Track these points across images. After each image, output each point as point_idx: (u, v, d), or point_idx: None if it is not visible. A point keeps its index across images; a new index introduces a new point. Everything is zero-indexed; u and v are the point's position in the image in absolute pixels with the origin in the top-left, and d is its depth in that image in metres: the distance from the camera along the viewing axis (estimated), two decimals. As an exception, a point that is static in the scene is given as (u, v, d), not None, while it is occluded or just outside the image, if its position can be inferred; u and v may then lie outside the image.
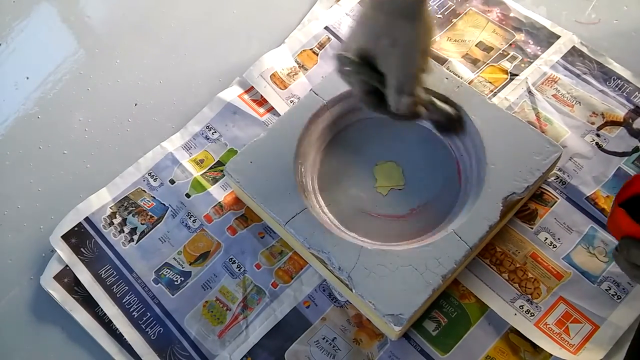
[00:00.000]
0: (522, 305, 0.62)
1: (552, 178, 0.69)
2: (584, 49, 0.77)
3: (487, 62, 0.77)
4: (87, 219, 0.70)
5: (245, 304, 0.65)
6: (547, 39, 0.78)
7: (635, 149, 0.70)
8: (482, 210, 0.61)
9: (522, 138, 0.64)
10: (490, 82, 0.75)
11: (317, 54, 0.80)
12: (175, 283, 0.67)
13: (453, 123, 0.65)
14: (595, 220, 0.66)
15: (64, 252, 0.68)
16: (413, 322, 0.62)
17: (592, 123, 0.72)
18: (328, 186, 0.67)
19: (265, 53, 0.79)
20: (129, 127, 0.78)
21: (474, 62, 0.77)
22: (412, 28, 0.54)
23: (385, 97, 0.59)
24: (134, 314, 0.65)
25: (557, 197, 0.68)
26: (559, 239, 0.66)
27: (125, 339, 0.64)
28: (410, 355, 0.62)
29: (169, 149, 0.74)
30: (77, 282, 0.67)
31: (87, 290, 0.66)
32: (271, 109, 0.76)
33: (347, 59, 0.58)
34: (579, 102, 0.73)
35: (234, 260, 0.67)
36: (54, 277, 0.67)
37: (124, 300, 0.66)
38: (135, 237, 0.69)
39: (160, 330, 0.65)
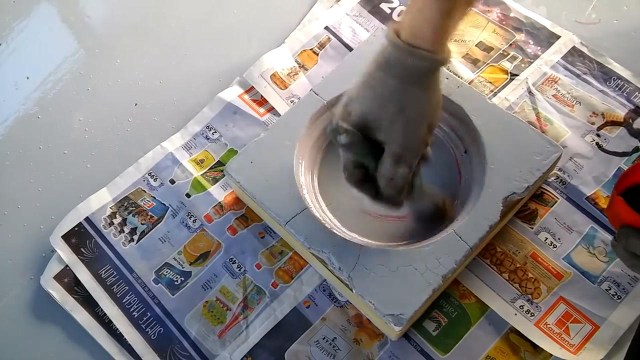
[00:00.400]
0: (522, 305, 0.62)
1: (552, 178, 0.69)
2: (584, 49, 0.77)
3: (488, 62, 0.77)
4: (87, 219, 0.70)
5: (246, 304, 0.65)
6: (547, 39, 0.78)
7: (636, 149, 0.69)
8: (482, 210, 0.61)
9: (522, 138, 0.64)
10: (490, 82, 0.75)
11: (317, 54, 0.80)
12: (176, 283, 0.67)
13: (438, 213, 0.61)
14: (596, 220, 0.66)
15: (64, 252, 0.68)
16: (413, 322, 0.62)
17: (592, 123, 0.72)
18: (328, 186, 0.67)
19: (265, 53, 0.79)
20: (129, 127, 0.78)
21: (474, 62, 0.77)
22: (423, 96, 0.52)
23: (373, 174, 0.55)
24: (134, 314, 0.65)
25: (557, 197, 0.68)
26: (559, 239, 0.66)
27: (125, 339, 0.64)
28: (411, 355, 0.62)
29: (169, 149, 0.74)
30: (77, 282, 0.67)
31: (87, 290, 0.66)
32: (271, 109, 0.76)
33: (343, 129, 0.54)
34: (579, 102, 0.73)
35: (234, 260, 0.67)
36: (54, 277, 0.67)
37: (124, 300, 0.66)
38: (136, 237, 0.69)
39: (161, 330, 0.65)
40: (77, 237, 0.69)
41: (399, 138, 0.52)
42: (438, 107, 0.55)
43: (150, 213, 0.71)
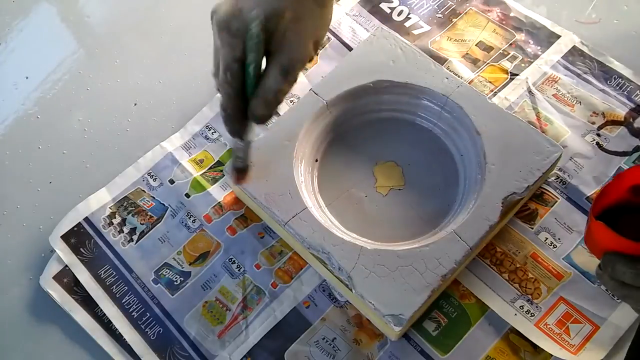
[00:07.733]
0: (522, 306, 0.62)
1: (553, 178, 0.69)
2: (585, 49, 0.76)
3: (487, 61, 0.77)
4: (86, 219, 0.70)
5: (245, 304, 0.65)
6: (547, 38, 0.78)
7: (636, 149, 0.69)
8: (482, 210, 0.60)
9: (522, 138, 0.64)
10: (490, 82, 0.75)
11: (317, 54, 0.80)
12: (175, 283, 0.67)
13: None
14: (596, 220, 0.66)
15: (63, 252, 0.68)
16: (413, 322, 0.62)
17: (593, 123, 0.71)
18: (328, 186, 0.67)
19: (265, 53, 0.79)
20: (128, 127, 0.78)
21: (474, 62, 0.77)
22: (319, 11, 0.53)
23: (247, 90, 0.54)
24: (133, 314, 0.65)
25: (557, 197, 0.68)
26: (559, 239, 0.65)
27: (124, 339, 0.64)
28: (410, 355, 0.61)
29: (168, 148, 0.74)
30: (76, 282, 0.67)
31: (86, 291, 0.66)
32: (271, 109, 0.76)
33: (254, 16, 0.50)
34: (580, 102, 0.73)
35: (234, 261, 0.67)
36: (53, 277, 0.67)
37: (123, 301, 0.66)
38: (135, 237, 0.69)
39: (160, 330, 0.65)
40: (77, 237, 0.69)
41: (291, 49, 0.51)
42: (326, 26, 0.56)
43: (149, 213, 0.71)
